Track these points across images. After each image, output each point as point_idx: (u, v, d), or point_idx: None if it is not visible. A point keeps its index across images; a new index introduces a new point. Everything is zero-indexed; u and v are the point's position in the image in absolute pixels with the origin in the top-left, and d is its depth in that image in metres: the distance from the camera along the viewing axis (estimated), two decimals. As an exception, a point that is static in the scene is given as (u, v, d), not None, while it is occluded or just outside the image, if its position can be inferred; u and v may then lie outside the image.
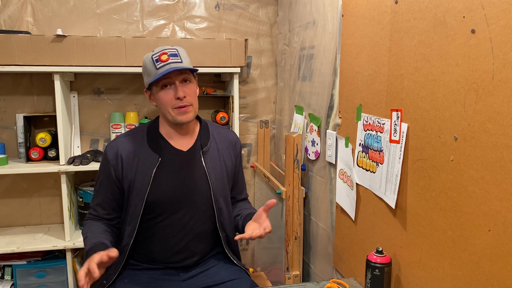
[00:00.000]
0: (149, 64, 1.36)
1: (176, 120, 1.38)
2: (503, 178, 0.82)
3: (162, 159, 1.40)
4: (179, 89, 1.34)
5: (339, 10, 1.53)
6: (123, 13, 2.21)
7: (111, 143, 1.45)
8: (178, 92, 1.34)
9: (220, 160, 1.48)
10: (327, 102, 1.67)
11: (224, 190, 1.49)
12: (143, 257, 1.45)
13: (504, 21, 0.80)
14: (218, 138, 1.51)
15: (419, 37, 1.06)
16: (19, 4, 2.09)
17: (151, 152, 1.41)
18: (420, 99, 1.06)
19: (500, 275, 0.84)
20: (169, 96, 1.35)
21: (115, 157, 1.40)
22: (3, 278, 2.05)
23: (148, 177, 1.38)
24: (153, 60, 1.35)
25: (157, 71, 1.33)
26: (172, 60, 1.34)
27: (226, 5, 2.33)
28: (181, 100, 1.35)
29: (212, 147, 1.48)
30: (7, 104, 2.13)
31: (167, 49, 1.37)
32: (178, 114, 1.37)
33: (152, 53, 1.38)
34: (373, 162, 1.29)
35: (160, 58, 1.34)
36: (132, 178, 1.39)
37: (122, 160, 1.40)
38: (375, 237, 1.32)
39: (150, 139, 1.43)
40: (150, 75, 1.36)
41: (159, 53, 1.36)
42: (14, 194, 2.20)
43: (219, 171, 1.47)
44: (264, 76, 2.44)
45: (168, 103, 1.36)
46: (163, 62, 1.34)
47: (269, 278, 2.22)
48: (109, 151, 1.42)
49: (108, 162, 1.41)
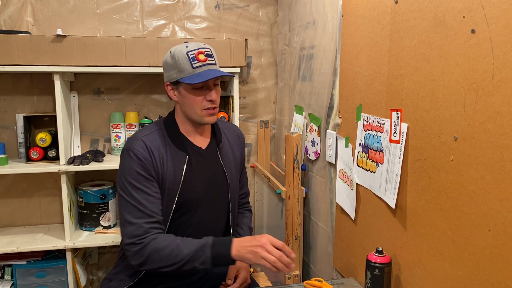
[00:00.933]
0: (183, 60, 1.29)
1: (203, 121, 1.35)
2: (503, 178, 0.82)
3: (188, 157, 1.37)
4: (213, 93, 1.32)
5: (339, 10, 1.53)
6: (123, 13, 2.21)
7: (133, 140, 1.34)
8: (212, 95, 1.31)
9: (233, 155, 1.50)
10: (327, 102, 1.67)
11: (237, 185, 1.51)
12: None
13: (504, 21, 0.80)
14: (228, 133, 1.53)
15: (419, 37, 1.06)
16: (19, 4, 2.09)
17: (177, 150, 1.36)
18: (420, 99, 1.06)
19: (500, 275, 0.84)
20: (201, 98, 1.32)
21: (145, 151, 1.30)
22: (3, 278, 2.05)
23: (179, 176, 1.34)
24: (189, 57, 1.29)
25: (194, 70, 1.28)
26: (209, 61, 1.31)
27: (226, 5, 2.33)
28: (213, 102, 1.33)
29: (225, 143, 1.48)
30: (7, 104, 2.13)
31: (203, 48, 1.31)
32: (207, 116, 1.34)
33: (187, 48, 1.30)
34: (373, 162, 1.29)
35: (198, 57, 1.29)
36: (163, 177, 1.32)
37: (154, 154, 1.31)
38: (375, 237, 1.32)
39: (172, 137, 1.38)
40: (182, 72, 1.29)
41: (195, 51, 1.30)
42: (14, 194, 2.20)
43: (233, 167, 1.48)
44: (264, 76, 2.44)
45: (199, 104, 1.32)
46: (201, 62, 1.29)
47: (269, 278, 2.22)
48: (136, 147, 1.30)
49: (139, 157, 1.29)
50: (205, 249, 1.22)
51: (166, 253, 1.23)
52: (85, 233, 2.09)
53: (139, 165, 1.29)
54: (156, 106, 2.30)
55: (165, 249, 1.23)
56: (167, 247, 1.23)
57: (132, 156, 1.29)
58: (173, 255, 1.22)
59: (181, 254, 1.22)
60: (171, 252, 1.22)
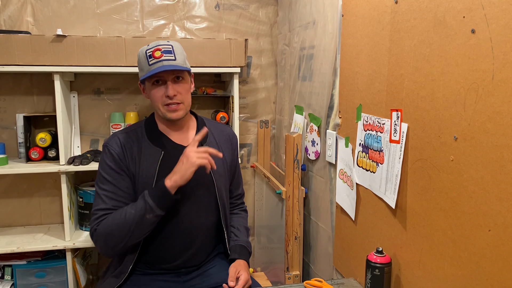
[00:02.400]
0: (142, 59, 1.36)
1: (166, 117, 1.39)
2: (503, 178, 0.82)
3: (164, 153, 1.40)
4: (169, 87, 1.35)
5: (339, 10, 1.53)
6: (123, 13, 2.21)
7: (110, 138, 1.43)
8: (169, 91, 1.34)
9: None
10: (327, 102, 1.67)
11: (226, 184, 1.52)
12: (151, 258, 1.43)
13: (504, 21, 0.80)
14: (216, 133, 1.53)
15: (419, 37, 1.06)
16: (19, 4, 2.09)
17: (153, 147, 1.41)
18: (420, 99, 1.06)
19: (500, 275, 0.84)
20: (160, 93, 1.36)
21: (119, 147, 1.39)
22: (3, 278, 2.05)
23: (153, 171, 1.37)
24: (147, 55, 1.35)
25: (150, 67, 1.33)
26: (166, 57, 1.33)
27: (226, 5, 2.33)
28: (171, 98, 1.35)
29: (211, 142, 1.49)
30: (7, 104, 2.13)
31: (161, 45, 1.36)
32: (168, 112, 1.37)
33: (147, 47, 1.36)
34: (373, 162, 1.29)
35: (154, 54, 1.33)
36: (137, 173, 1.38)
37: (127, 152, 1.38)
38: (375, 237, 1.32)
39: (150, 134, 1.43)
40: (142, 70, 1.37)
41: (152, 49, 1.34)
42: (14, 194, 2.20)
43: (221, 165, 1.48)
44: (264, 76, 2.44)
45: (159, 100, 1.37)
46: (155, 59, 1.33)
47: (269, 278, 2.22)
48: (111, 143, 1.40)
49: (112, 153, 1.38)
50: (145, 199, 1.30)
51: (116, 223, 1.30)
52: (85, 233, 2.09)
53: (112, 160, 1.37)
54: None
55: (114, 220, 1.30)
56: (115, 218, 1.31)
57: (106, 152, 1.39)
58: (123, 222, 1.29)
59: (129, 217, 1.29)
60: (120, 220, 1.30)
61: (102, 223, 1.33)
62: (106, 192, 1.36)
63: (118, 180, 1.37)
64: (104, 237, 1.33)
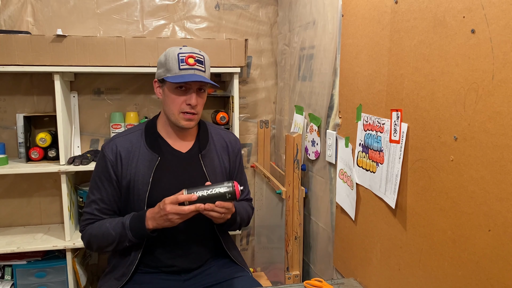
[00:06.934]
0: (172, 60, 1.33)
1: (179, 124, 1.38)
2: (503, 178, 0.82)
3: (161, 159, 1.40)
4: (194, 97, 1.34)
5: (339, 10, 1.53)
6: (123, 13, 2.21)
7: (108, 142, 1.43)
8: (192, 100, 1.34)
9: (220, 161, 1.49)
10: (327, 102, 1.67)
11: None
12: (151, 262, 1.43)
13: (504, 21, 0.80)
14: (217, 140, 1.52)
15: (419, 37, 1.06)
16: (19, 4, 2.09)
17: (150, 152, 1.40)
18: (420, 99, 1.06)
19: (500, 275, 0.84)
20: (181, 100, 1.35)
21: (113, 155, 1.39)
22: (3, 278, 2.05)
23: (148, 177, 1.37)
24: (179, 58, 1.33)
25: (180, 71, 1.32)
26: (197, 66, 1.34)
27: (226, 5, 2.33)
28: (192, 107, 1.35)
29: (210, 150, 1.48)
30: (7, 104, 2.13)
31: (195, 54, 1.35)
32: (183, 119, 1.37)
33: (180, 50, 1.35)
34: (373, 162, 1.29)
35: (187, 60, 1.32)
36: (132, 178, 1.38)
37: (122, 159, 1.39)
38: (375, 237, 1.32)
39: (148, 138, 1.42)
40: (169, 71, 1.34)
41: (186, 54, 1.33)
42: (14, 194, 2.20)
43: (219, 173, 1.47)
44: (264, 76, 2.44)
45: (177, 105, 1.35)
46: (188, 65, 1.32)
47: (269, 278, 2.22)
48: (107, 150, 1.40)
49: (106, 160, 1.39)
50: (125, 231, 1.33)
51: (100, 235, 1.36)
52: (85, 233, 2.08)
53: (104, 167, 1.39)
54: (156, 106, 2.31)
55: (99, 232, 1.36)
56: (99, 230, 1.36)
57: (101, 156, 1.41)
58: (105, 239, 1.35)
59: (110, 237, 1.34)
60: (102, 235, 1.36)
61: (88, 227, 1.40)
62: (94, 198, 1.41)
63: (106, 189, 1.39)
64: (88, 240, 1.40)
